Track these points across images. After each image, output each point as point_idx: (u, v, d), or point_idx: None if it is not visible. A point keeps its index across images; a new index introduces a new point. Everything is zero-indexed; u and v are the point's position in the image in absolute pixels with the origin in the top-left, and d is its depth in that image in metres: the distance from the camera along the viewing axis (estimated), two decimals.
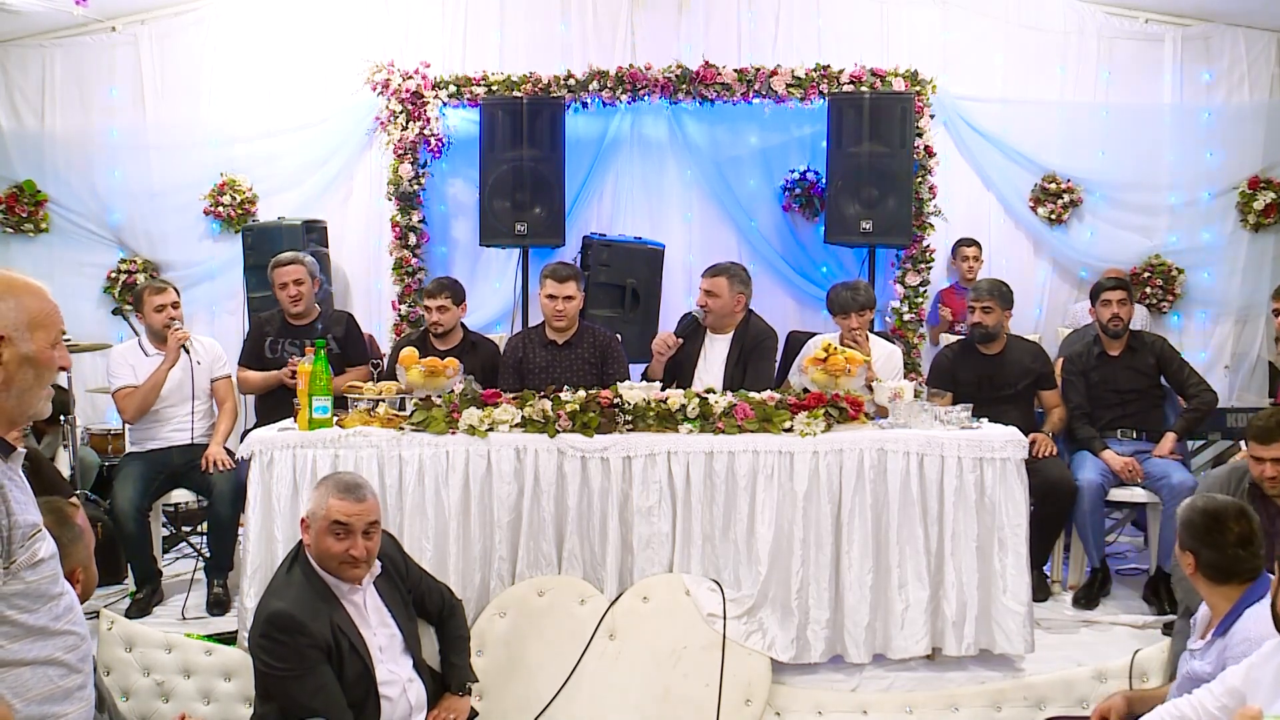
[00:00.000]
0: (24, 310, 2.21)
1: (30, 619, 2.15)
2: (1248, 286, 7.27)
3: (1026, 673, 4.18)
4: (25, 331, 2.20)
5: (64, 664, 2.21)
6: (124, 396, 5.28)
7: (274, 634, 3.13)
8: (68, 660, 2.22)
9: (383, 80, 7.10)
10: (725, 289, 5.38)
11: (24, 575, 2.13)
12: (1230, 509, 3.09)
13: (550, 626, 4.10)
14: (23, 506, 2.16)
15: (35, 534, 2.16)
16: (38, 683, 2.16)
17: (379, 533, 3.35)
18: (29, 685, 2.16)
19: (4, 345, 2.18)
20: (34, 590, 2.15)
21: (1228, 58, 7.19)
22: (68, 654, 2.22)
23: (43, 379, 2.25)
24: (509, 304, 7.23)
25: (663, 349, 5.37)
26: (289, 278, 5.56)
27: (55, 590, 2.21)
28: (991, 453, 4.23)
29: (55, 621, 2.20)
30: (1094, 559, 5.26)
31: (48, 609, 2.19)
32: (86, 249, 7.41)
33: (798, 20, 7.22)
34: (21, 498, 2.17)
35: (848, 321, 5.44)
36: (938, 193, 7.03)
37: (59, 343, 2.28)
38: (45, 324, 2.24)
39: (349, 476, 3.41)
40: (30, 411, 2.25)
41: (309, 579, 3.26)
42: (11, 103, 7.35)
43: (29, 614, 2.15)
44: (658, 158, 7.34)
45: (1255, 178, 7.18)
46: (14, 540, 2.10)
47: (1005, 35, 7.22)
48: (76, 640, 2.25)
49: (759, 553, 4.19)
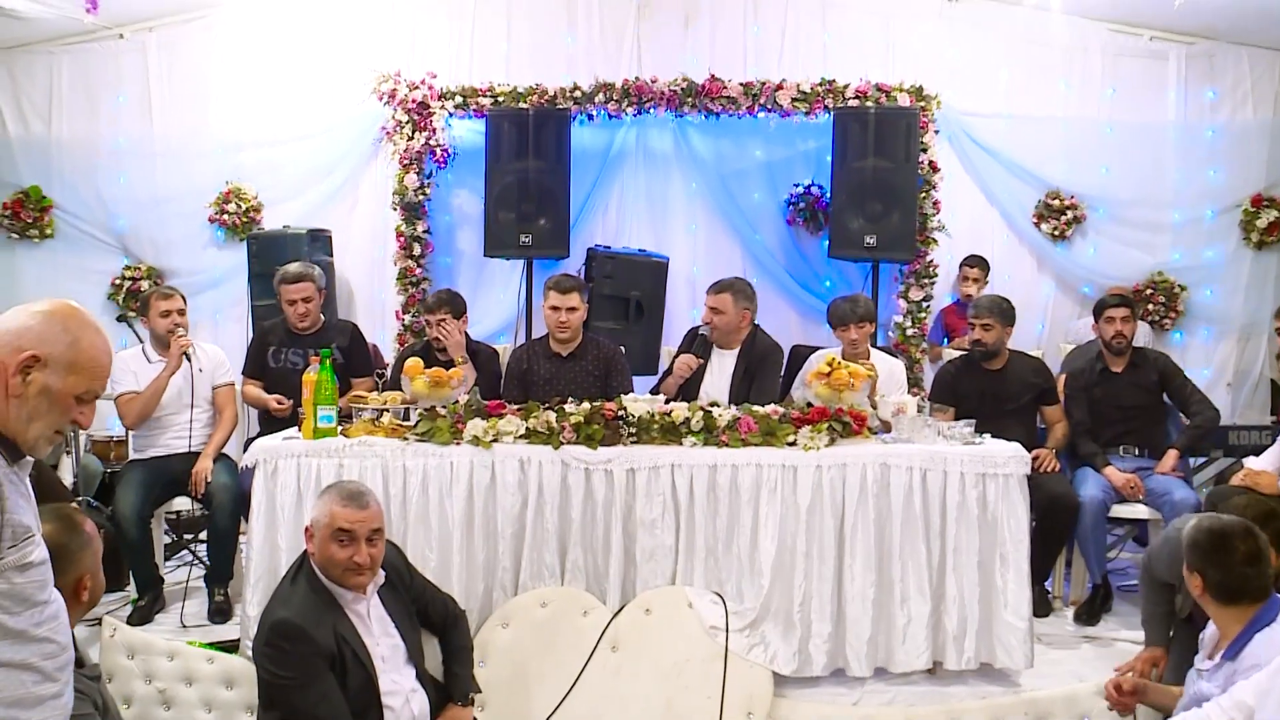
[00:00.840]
0: (75, 349, 2.22)
1: (11, 621, 2.13)
2: (1250, 304, 7.28)
3: (1027, 688, 4.19)
4: (62, 367, 2.20)
5: (39, 670, 2.19)
6: (125, 402, 5.29)
7: (278, 642, 3.13)
8: (43, 667, 2.19)
9: (389, 90, 7.12)
10: (730, 305, 5.38)
11: (11, 576, 2.11)
12: (1237, 528, 3.08)
13: (553, 638, 4.10)
14: (19, 508, 2.15)
15: (28, 537, 2.15)
16: (8, 685, 2.14)
17: (383, 540, 3.36)
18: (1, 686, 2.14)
19: (37, 366, 2.18)
20: (19, 593, 2.14)
21: (1231, 76, 7.21)
22: (44, 660, 2.20)
23: (53, 419, 2.23)
24: (513, 315, 7.23)
25: (685, 372, 5.36)
26: (297, 295, 5.55)
27: (41, 597, 2.19)
28: (994, 468, 4.24)
29: (37, 627, 2.18)
30: (1095, 575, 5.26)
31: (30, 614, 2.17)
32: (91, 255, 7.41)
33: (803, 35, 7.24)
34: (20, 501, 2.16)
35: (847, 333, 5.46)
36: (941, 208, 7.04)
37: (87, 399, 2.27)
38: (84, 372, 2.24)
39: (352, 484, 3.42)
40: (27, 439, 2.21)
41: (313, 588, 3.27)
42: (19, 109, 7.37)
43: (11, 616, 2.13)
44: (663, 170, 7.35)
45: (1258, 195, 7.19)
46: (3, 538, 2.09)
47: (1010, 51, 7.23)
48: (56, 649, 2.22)
49: (761, 566, 4.20)
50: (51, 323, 2.23)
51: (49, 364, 2.19)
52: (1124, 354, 5.54)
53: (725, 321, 5.41)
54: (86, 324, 2.28)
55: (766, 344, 5.49)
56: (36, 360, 2.18)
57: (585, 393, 4.98)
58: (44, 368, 2.18)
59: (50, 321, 2.23)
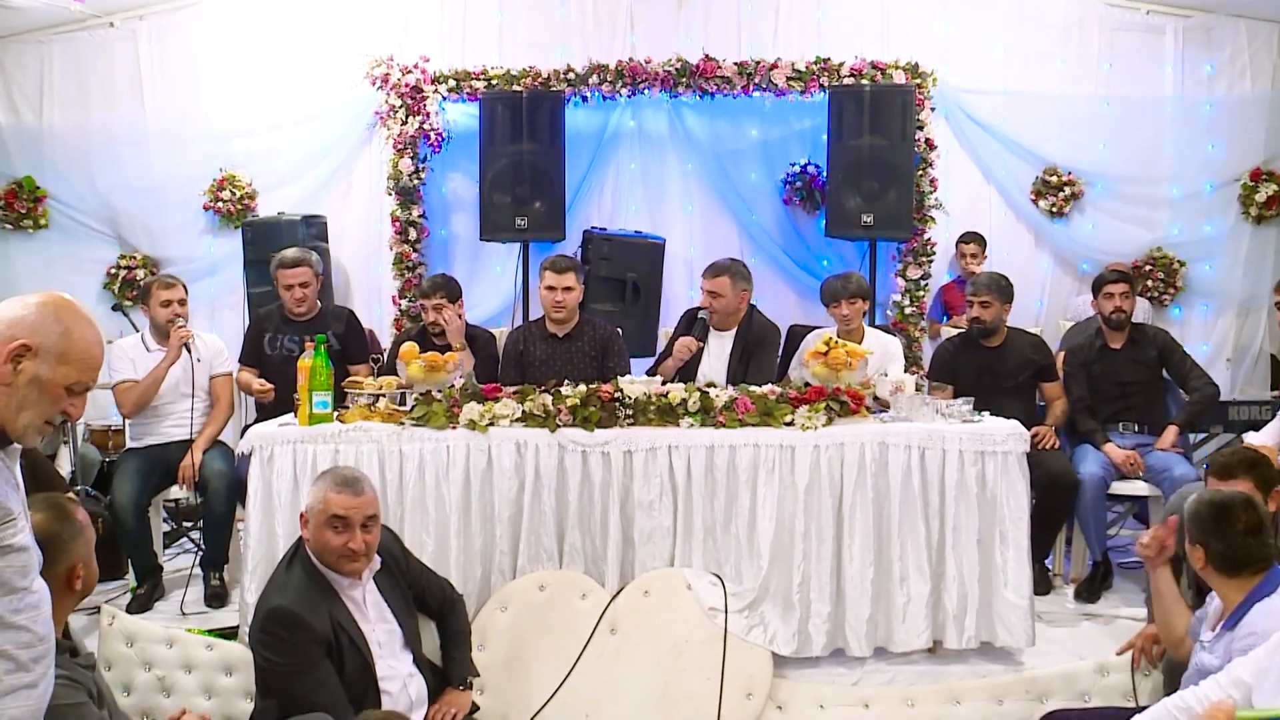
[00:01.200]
0: (66, 339, 2.21)
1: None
2: (1250, 279, 7.26)
3: (1028, 666, 4.18)
4: (53, 357, 2.20)
5: (12, 658, 2.17)
6: (123, 391, 5.27)
7: (274, 630, 3.12)
8: (17, 655, 2.17)
9: (382, 75, 7.09)
10: (729, 287, 5.34)
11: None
12: (1238, 499, 3.10)
13: (551, 621, 4.09)
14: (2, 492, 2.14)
15: (9, 520, 2.13)
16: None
17: (378, 526, 3.35)
18: None
19: (28, 355, 2.17)
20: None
21: (1229, 49, 7.18)
22: (19, 650, 2.17)
23: (43, 409, 2.22)
24: (509, 299, 7.21)
25: (685, 355, 5.32)
26: (295, 280, 5.51)
27: (21, 584, 2.18)
28: (993, 446, 4.22)
29: (14, 615, 2.16)
30: (1095, 552, 5.26)
31: (7, 600, 2.15)
32: (86, 245, 7.39)
33: (798, 13, 7.21)
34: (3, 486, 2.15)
35: (839, 309, 5.44)
36: (938, 186, 7.03)
37: (78, 390, 2.26)
38: (75, 363, 2.23)
39: (347, 470, 3.40)
40: (16, 428, 2.20)
41: (309, 574, 3.26)
42: (10, 99, 7.33)
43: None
44: (658, 151, 7.32)
45: (1257, 169, 7.17)
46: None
47: (1006, 27, 7.20)
48: (33, 639, 2.20)
49: (760, 547, 4.19)
50: (44, 313, 2.23)
51: (40, 353, 2.18)
52: (1123, 329, 5.52)
53: (724, 304, 5.37)
54: (79, 316, 2.27)
55: (763, 324, 5.47)
56: (27, 349, 2.17)
57: (582, 374, 4.97)
58: (34, 357, 2.18)
59: (43, 312, 2.23)
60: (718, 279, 5.36)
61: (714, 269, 5.43)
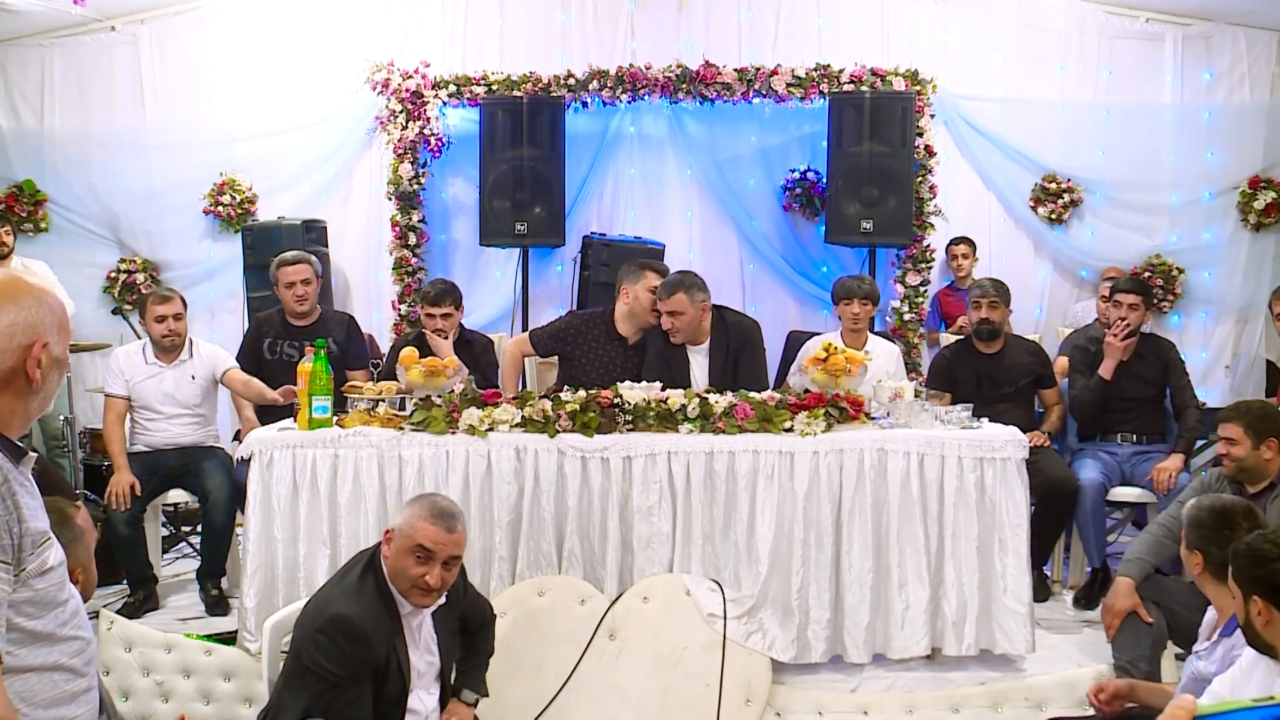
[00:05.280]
0: (54, 313, 2.21)
1: (38, 625, 2.14)
2: (1248, 286, 7.26)
3: (1027, 673, 4.18)
4: (56, 334, 2.20)
5: (70, 669, 2.21)
6: (107, 406, 5.26)
7: (335, 635, 3.03)
8: (73, 665, 2.22)
9: (382, 80, 7.10)
10: (687, 303, 5.00)
11: (33, 583, 2.11)
12: (1238, 507, 3.10)
13: (550, 626, 4.09)
14: (33, 514, 2.14)
15: (45, 541, 2.14)
16: (44, 688, 2.16)
17: (459, 566, 3.25)
18: (36, 691, 2.15)
19: (45, 351, 2.17)
20: (42, 597, 2.14)
21: (1228, 57, 7.19)
22: (73, 659, 2.22)
23: (61, 380, 2.25)
24: (509, 304, 7.22)
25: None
26: (296, 277, 5.50)
27: (62, 596, 2.20)
28: (992, 452, 4.22)
29: (62, 628, 2.19)
30: (1095, 559, 5.24)
31: (54, 615, 2.18)
32: (86, 249, 7.40)
33: (798, 19, 7.22)
34: (32, 504, 2.15)
35: (850, 307, 5.40)
36: (938, 192, 7.03)
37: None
38: (66, 327, 2.25)
39: (446, 503, 3.26)
40: (45, 411, 2.26)
41: (380, 592, 3.17)
42: (11, 102, 7.35)
43: (36, 620, 2.14)
44: (658, 157, 7.34)
45: (1256, 177, 7.18)
46: (24, 548, 2.08)
47: (1006, 35, 7.21)
48: (82, 645, 2.24)
49: (759, 553, 4.19)
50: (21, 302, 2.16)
51: (49, 341, 2.18)
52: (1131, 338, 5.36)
53: (688, 321, 5.03)
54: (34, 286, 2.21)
55: (738, 324, 5.23)
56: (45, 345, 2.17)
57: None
58: (48, 347, 2.17)
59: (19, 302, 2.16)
60: (673, 298, 5.00)
61: (667, 288, 5.05)
